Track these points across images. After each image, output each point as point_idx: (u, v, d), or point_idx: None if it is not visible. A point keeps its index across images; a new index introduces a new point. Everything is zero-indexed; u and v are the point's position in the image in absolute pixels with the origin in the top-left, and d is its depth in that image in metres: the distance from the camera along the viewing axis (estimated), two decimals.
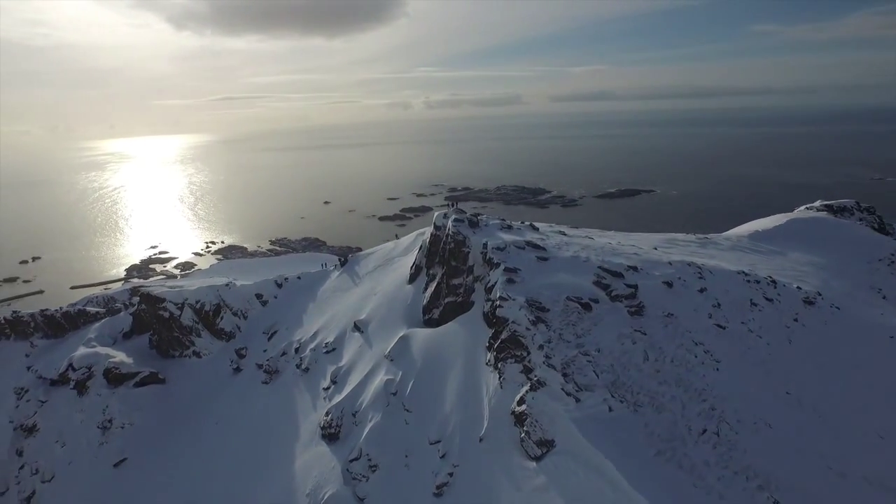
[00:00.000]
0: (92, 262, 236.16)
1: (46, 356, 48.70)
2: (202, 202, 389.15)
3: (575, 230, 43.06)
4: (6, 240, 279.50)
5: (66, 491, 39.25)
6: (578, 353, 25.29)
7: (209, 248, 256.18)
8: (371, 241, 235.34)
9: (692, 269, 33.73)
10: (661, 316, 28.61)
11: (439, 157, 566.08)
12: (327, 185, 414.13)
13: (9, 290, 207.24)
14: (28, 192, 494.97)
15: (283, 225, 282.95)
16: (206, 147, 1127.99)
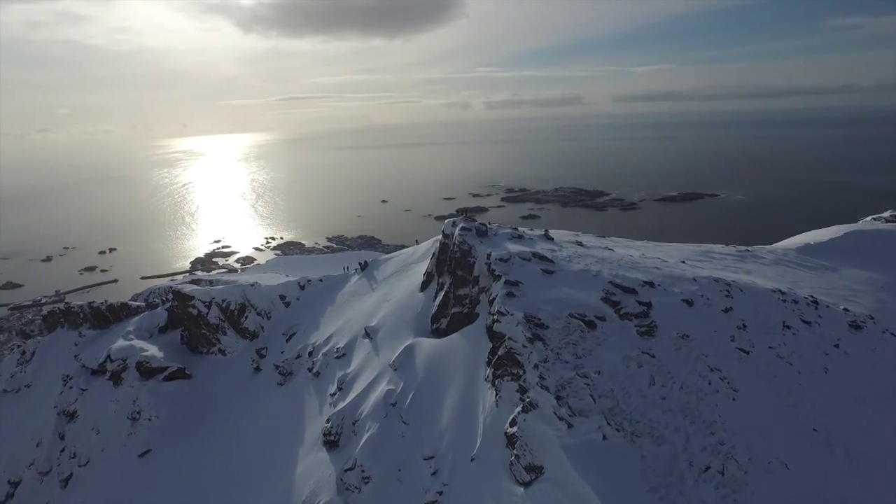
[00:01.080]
0: (161, 254, 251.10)
1: (91, 346, 51.64)
2: (264, 199, 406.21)
3: (599, 240, 41.12)
4: (88, 231, 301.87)
5: (98, 476, 41.38)
6: (576, 375, 23.81)
7: (269, 244, 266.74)
8: (427, 239, 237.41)
9: (719, 286, 31.23)
10: (675, 337, 26.54)
11: (497, 158, 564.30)
12: (385, 184, 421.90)
13: (88, 278, 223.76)
14: (109, 187, 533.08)
15: (340, 222, 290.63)
16: (270, 146, 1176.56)
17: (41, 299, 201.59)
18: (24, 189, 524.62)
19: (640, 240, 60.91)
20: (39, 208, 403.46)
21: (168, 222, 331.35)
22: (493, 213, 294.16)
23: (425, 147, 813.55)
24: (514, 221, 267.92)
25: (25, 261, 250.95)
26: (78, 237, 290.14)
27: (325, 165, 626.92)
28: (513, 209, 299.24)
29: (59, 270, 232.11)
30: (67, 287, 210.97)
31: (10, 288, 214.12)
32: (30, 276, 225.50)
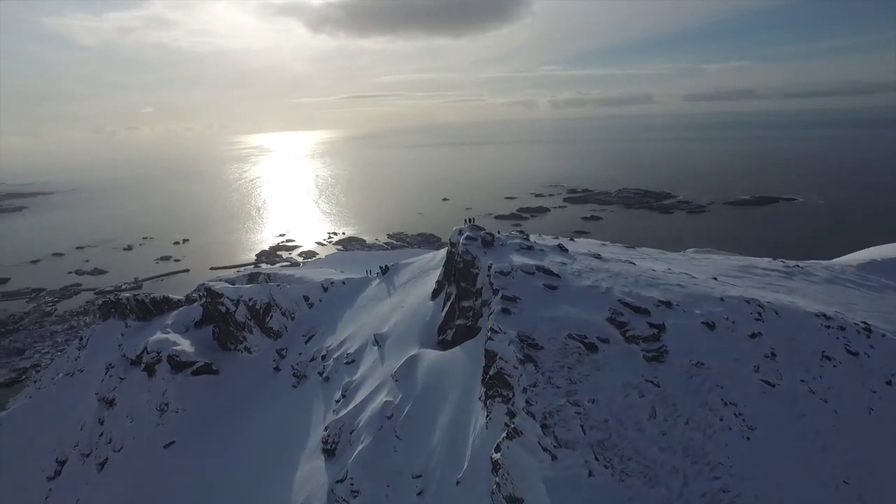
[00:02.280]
0: (230, 246, 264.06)
1: (134, 337, 54.42)
2: (328, 194, 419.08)
3: (627, 251, 38.52)
4: (165, 223, 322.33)
5: (129, 462, 43.39)
6: (566, 402, 22.01)
7: (331, 239, 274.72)
8: None
9: (750, 308, 28.24)
10: (688, 364, 24.10)
11: (561, 158, 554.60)
12: (447, 182, 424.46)
13: (163, 266, 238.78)
14: (186, 181, 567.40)
15: (401, 219, 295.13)
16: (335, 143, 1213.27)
17: (121, 285, 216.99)
18: (113, 182, 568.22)
19: (704, 246, 57.37)
20: (125, 200, 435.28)
21: (237, 215, 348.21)
22: (554, 214, 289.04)
23: (488, 146, 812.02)
24: (575, 223, 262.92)
25: (110, 249, 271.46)
26: (156, 228, 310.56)
27: (389, 163, 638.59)
28: (574, 210, 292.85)
29: (139, 259, 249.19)
30: (144, 275, 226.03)
31: (97, 274, 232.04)
32: (113, 263, 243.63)
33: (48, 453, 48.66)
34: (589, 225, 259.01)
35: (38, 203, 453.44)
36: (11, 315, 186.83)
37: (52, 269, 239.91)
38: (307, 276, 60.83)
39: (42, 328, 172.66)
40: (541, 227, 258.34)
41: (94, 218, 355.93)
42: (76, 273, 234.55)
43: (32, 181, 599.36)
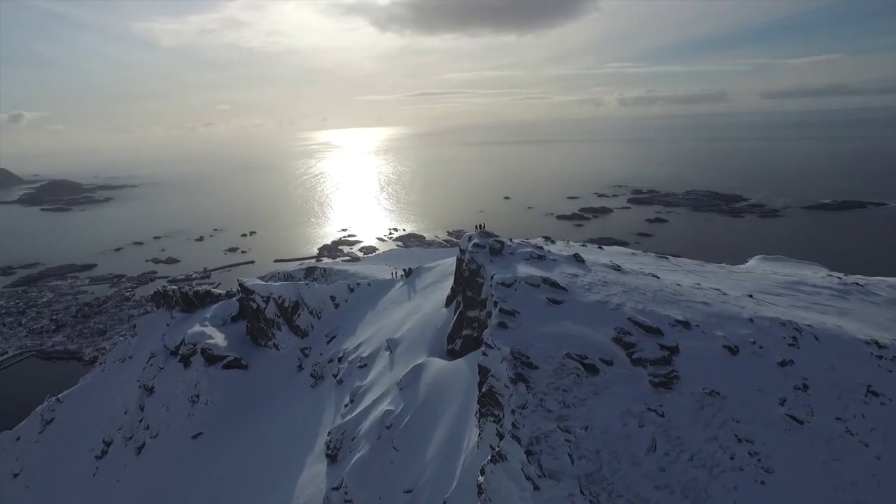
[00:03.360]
0: (294, 239, 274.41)
1: (177, 328, 56.88)
2: (391, 191, 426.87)
3: (658, 261, 35.87)
4: (235, 215, 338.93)
5: (161, 450, 45.35)
6: (557, 428, 20.42)
7: (391, 235, 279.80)
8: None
9: (784, 331, 25.38)
10: (700, 393, 21.83)
11: (627, 157, 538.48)
12: (509, 180, 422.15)
13: (230, 258, 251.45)
14: (256, 175, 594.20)
15: (461, 217, 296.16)
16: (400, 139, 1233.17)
17: (192, 274, 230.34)
18: (189, 176, 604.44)
19: (774, 254, 53.41)
20: (199, 193, 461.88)
21: (302, 210, 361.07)
22: (617, 215, 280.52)
23: (553, 144, 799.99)
24: (638, 225, 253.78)
25: (183, 239, 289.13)
26: (226, 220, 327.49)
27: (452, 160, 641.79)
28: (638, 211, 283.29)
29: (209, 249, 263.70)
30: (213, 265, 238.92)
31: (171, 263, 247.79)
32: (186, 252, 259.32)
33: (97, 433, 51.71)
34: (653, 227, 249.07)
35: (123, 195, 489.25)
36: (97, 298, 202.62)
37: (133, 257, 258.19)
38: (360, 272, 61.79)
39: (121, 311, 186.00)
40: (602, 228, 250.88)
41: (171, 209, 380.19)
42: (153, 261, 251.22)
43: (119, 174, 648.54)
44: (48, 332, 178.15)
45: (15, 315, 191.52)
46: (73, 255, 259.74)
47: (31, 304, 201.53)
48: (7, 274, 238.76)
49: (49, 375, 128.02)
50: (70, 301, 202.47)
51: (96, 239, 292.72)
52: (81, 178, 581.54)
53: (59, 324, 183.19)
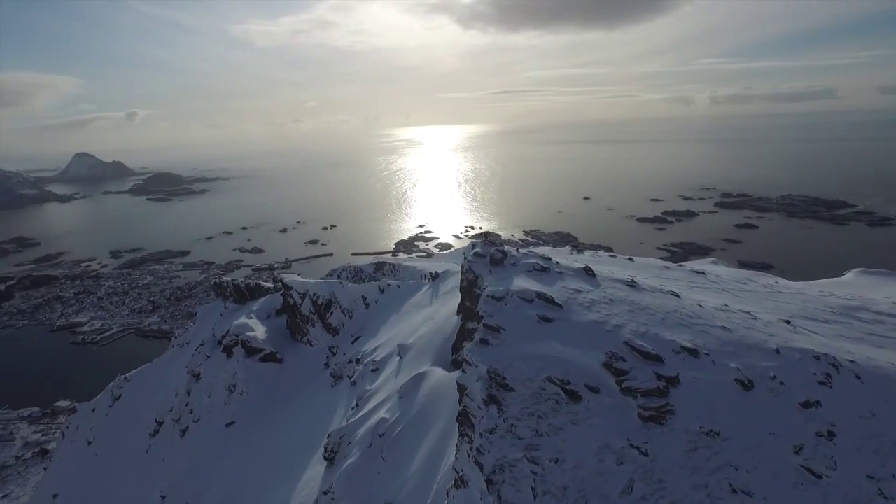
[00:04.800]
0: (372, 233, 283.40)
1: (228, 318, 59.89)
2: (470, 188, 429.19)
3: (691, 276, 32.64)
4: (317, 209, 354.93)
5: (200, 434, 47.91)
6: (524, 458, 18.90)
7: (467, 232, 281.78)
8: (624, 242, 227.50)
9: (816, 366, 22.07)
10: (696, 432, 19.39)
11: (717, 158, 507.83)
12: (590, 180, 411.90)
13: (310, 250, 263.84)
14: (339, 170, 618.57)
15: (539, 216, 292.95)
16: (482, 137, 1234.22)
17: (274, 264, 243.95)
18: (277, 170, 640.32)
19: (880, 267, 48.51)
20: (285, 187, 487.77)
21: (382, 205, 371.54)
22: (702, 220, 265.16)
23: (638, 144, 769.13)
24: (725, 230, 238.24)
25: (268, 230, 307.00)
26: (308, 213, 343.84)
27: (533, 159, 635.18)
28: (726, 216, 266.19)
29: (291, 241, 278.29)
30: (294, 256, 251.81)
31: (256, 252, 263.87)
32: (270, 243, 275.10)
33: (153, 412, 55.63)
34: (742, 233, 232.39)
35: (217, 187, 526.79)
36: (188, 283, 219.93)
37: (222, 246, 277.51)
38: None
39: (208, 297, 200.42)
40: (686, 232, 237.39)
41: (259, 202, 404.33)
42: (239, 250, 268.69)
43: (214, 168, 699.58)
44: (146, 312, 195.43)
45: (120, 295, 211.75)
46: (171, 242, 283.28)
47: (133, 285, 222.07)
48: (116, 257, 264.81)
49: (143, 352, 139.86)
50: (165, 284, 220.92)
51: (191, 227, 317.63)
52: (182, 170, 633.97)
53: (156, 305, 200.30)
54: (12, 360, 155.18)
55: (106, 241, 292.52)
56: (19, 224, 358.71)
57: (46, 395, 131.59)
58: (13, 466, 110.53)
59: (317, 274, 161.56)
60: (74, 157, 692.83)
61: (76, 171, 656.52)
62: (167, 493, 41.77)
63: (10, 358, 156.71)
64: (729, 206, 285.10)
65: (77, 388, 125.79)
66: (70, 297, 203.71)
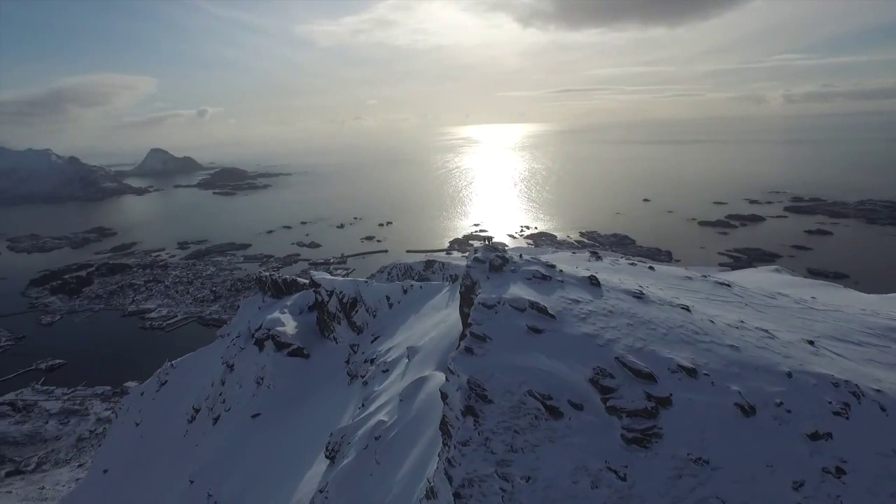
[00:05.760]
0: (427, 231, 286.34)
1: (264, 311, 62.05)
2: (527, 187, 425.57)
3: (716, 289, 30.56)
4: (375, 206, 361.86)
5: (230, 423, 49.85)
6: (494, 473, 18.24)
7: (522, 232, 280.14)
8: (683, 246, 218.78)
9: (833, 394, 20.09)
10: (683, 458, 18.05)
11: (789, 160, 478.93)
12: (651, 181, 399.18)
13: (366, 246, 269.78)
14: (398, 167, 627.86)
15: (596, 218, 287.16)
16: (541, 136, 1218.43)
17: (330, 259, 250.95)
18: (337, 167, 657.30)
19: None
20: (344, 183, 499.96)
21: (438, 203, 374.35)
22: (769, 224, 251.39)
23: (703, 145, 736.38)
24: (795, 236, 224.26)
25: (326, 226, 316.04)
26: (365, 209, 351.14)
27: (592, 159, 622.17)
28: (796, 221, 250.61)
29: (347, 237, 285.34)
30: (349, 252, 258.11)
31: (313, 247, 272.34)
32: (327, 238, 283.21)
33: (192, 399, 58.50)
34: (813, 240, 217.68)
35: (279, 182, 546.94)
36: (248, 275, 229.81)
37: (281, 240, 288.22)
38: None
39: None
40: (751, 238, 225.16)
41: (318, 197, 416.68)
42: (297, 244, 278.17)
43: (277, 163, 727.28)
44: (208, 301, 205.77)
45: (185, 284, 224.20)
46: (234, 235, 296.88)
47: (197, 275, 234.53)
48: (183, 248, 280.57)
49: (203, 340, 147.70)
50: (227, 276, 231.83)
51: (253, 221, 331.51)
52: (246, 166, 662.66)
53: (217, 295, 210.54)
54: (90, 341, 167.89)
55: (175, 232, 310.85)
56: (100, 215, 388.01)
57: (117, 375, 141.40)
58: (87, 439, 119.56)
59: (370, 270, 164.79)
60: (150, 152, 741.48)
61: (151, 166, 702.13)
62: (195, 478, 43.72)
63: (88, 339, 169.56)
64: (800, 210, 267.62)
65: (142, 371, 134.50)
66: (141, 284, 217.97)
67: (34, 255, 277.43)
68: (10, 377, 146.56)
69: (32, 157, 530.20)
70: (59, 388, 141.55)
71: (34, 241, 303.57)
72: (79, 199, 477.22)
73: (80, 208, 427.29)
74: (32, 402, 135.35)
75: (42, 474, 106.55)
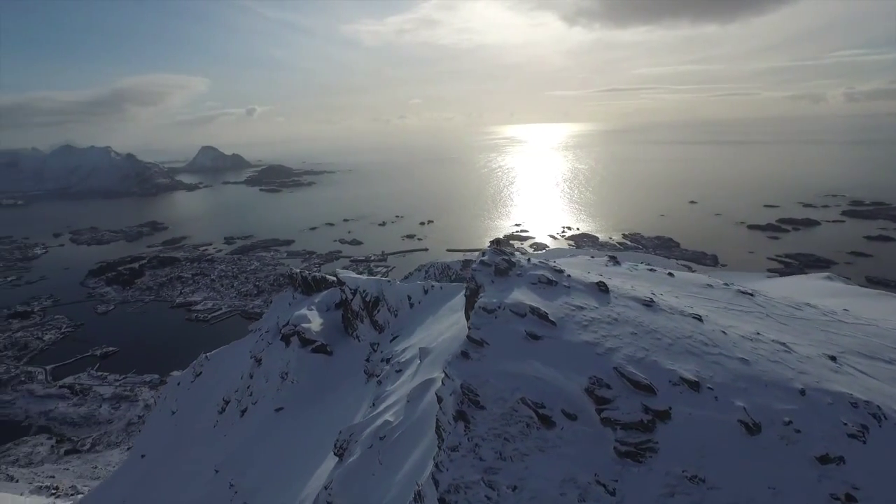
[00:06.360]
0: (468, 230, 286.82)
1: (293, 308, 63.46)
2: (570, 188, 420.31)
3: (738, 298, 29.17)
4: (416, 204, 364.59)
5: (255, 416, 51.27)
6: (480, 481, 17.99)
7: (563, 233, 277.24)
8: (730, 250, 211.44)
9: (851, 415, 18.83)
10: (678, 475, 17.31)
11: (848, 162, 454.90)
12: (698, 183, 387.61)
13: (407, 244, 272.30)
14: (441, 166, 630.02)
15: (640, 220, 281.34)
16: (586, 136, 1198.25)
17: (371, 256, 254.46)
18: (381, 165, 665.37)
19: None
20: (388, 181, 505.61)
21: (480, 202, 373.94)
22: (824, 229, 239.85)
23: (755, 146, 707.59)
24: (853, 242, 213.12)
25: (368, 223, 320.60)
26: (407, 208, 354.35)
27: (638, 159, 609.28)
28: (855, 226, 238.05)
29: (389, 234, 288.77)
30: (390, 249, 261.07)
31: (354, 244, 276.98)
32: (368, 236, 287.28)
33: (222, 391, 60.49)
34: (873, 246, 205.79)
35: (323, 180, 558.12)
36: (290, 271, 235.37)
37: (324, 236, 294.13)
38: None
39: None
40: (804, 243, 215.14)
41: (361, 195, 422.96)
42: (339, 241, 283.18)
43: (322, 161, 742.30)
44: (251, 295, 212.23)
45: (230, 278, 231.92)
46: (278, 231, 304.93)
47: (242, 270, 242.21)
48: (229, 243, 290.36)
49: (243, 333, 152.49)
50: (270, 271, 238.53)
51: (297, 218, 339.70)
52: (292, 163, 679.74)
53: (260, 289, 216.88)
54: (140, 330, 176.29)
55: (222, 227, 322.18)
56: (153, 209, 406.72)
57: (163, 364, 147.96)
58: (136, 424, 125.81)
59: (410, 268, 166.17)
60: (200, 149, 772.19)
61: (201, 163, 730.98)
62: (220, 468, 45.20)
63: (139, 329, 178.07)
64: (859, 215, 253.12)
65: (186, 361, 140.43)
66: (188, 277, 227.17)
67: (93, 247, 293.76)
68: (69, 362, 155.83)
69: (94, 154, 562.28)
70: (111, 374, 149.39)
71: (93, 234, 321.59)
72: (134, 194, 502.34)
73: (135, 203, 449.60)
74: (88, 387, 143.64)
75: (95, 454, 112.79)
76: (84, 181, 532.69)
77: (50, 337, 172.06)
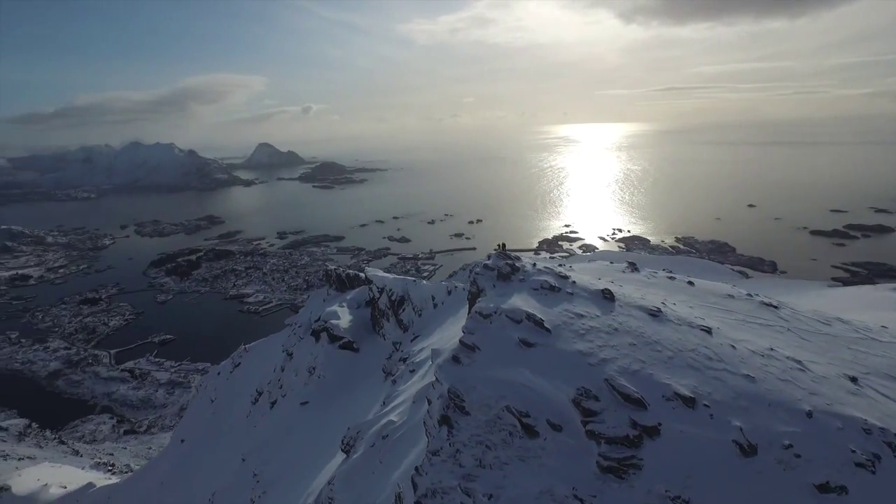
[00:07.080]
0: (517, 230, 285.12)
1: (327, 303, 64.94)
2: (623, 189, 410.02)
3: (759, 310, 27.53)
4: (466, 203, 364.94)
5: (283, 408, 52.89)
6: (458, 487, 17.85)
7: (614, 235, 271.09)
8: (790, 257, 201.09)
9: (862, 442, 17.46)
10: (660, 495, 16.53)
11: None
12: (758, 186, 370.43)
13: (455, 242, 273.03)
14: (492, 165, 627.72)
15: (694, 223, 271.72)
16: (642, 136, 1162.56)
17: (419, 254, 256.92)
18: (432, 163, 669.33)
19: None
20: (438, 179, 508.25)
21: (530, 201, 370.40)
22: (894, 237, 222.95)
23: (824, 147, 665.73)
24: None
25: (417, 221, 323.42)
26: (456, 206, 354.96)
27: (695, 161, 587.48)
28: None
29: (437, 233, 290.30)
30: (438, 248, 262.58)
31: (403, 242, 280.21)
32: (417, 233, 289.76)
33: (256, 383, 62.77)
34: None
35: (375, 177, 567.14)
36: (339, 267, 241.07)
37: (373, 233, 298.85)
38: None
39: None
40: (874, 250, 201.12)
41: (411, 193, 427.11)
42: (388, 238, 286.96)
43: (374, 159, 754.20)
44: (300, 289, 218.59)
45: (281, 272, 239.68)
46: (329, 227, 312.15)
47: (293, 264, 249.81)
48: (281, 237, 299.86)
49: None
50: (319, 266, 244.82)
51: (348, 215, 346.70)
52: (345, 160, 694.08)
53: (309, 284, 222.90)
54: (195, 320, 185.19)
55: (275, 222, 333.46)
56: (211, 204, 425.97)
57: (216, 353, 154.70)
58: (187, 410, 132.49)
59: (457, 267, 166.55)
60: (257, 146, 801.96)
61: (258, 159, 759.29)
62: (247, 456, 46.95)
63: (194, 318, 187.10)
64: None
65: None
66: (242, 270, 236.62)
67: (154, 239, 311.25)
68: (130, 347, 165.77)
69: (159, 151, 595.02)
70: (168, 360, 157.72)
71: (156, 227, 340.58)
72: (194, 188, 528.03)
73: (195, 197, 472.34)
74: (147, 372, 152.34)
75: (151, 436, 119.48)
76: (149, 176, 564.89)
77: (115, 323, 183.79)
